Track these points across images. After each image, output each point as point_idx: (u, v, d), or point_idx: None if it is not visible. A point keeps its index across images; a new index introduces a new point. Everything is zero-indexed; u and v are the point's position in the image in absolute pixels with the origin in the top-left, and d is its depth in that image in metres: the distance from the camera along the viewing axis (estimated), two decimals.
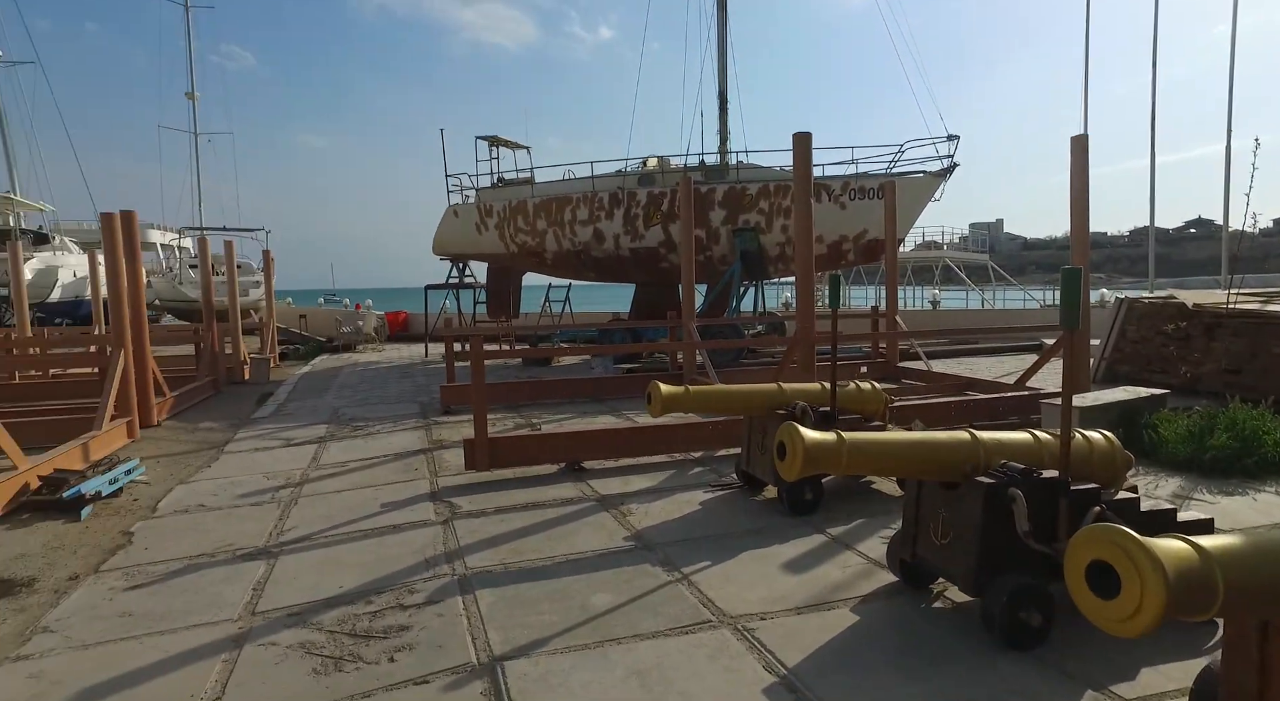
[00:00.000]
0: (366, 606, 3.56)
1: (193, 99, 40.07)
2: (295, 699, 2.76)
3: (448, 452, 6.77)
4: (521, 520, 4.83)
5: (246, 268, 27.63)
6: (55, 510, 5.41)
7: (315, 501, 5.43)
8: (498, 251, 16.53)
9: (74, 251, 28.85)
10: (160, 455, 7.20)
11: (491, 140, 17.28)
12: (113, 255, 8.29)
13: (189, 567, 4.20)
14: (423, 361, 15.76)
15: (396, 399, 10.38)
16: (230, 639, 3.29)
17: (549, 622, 3.31)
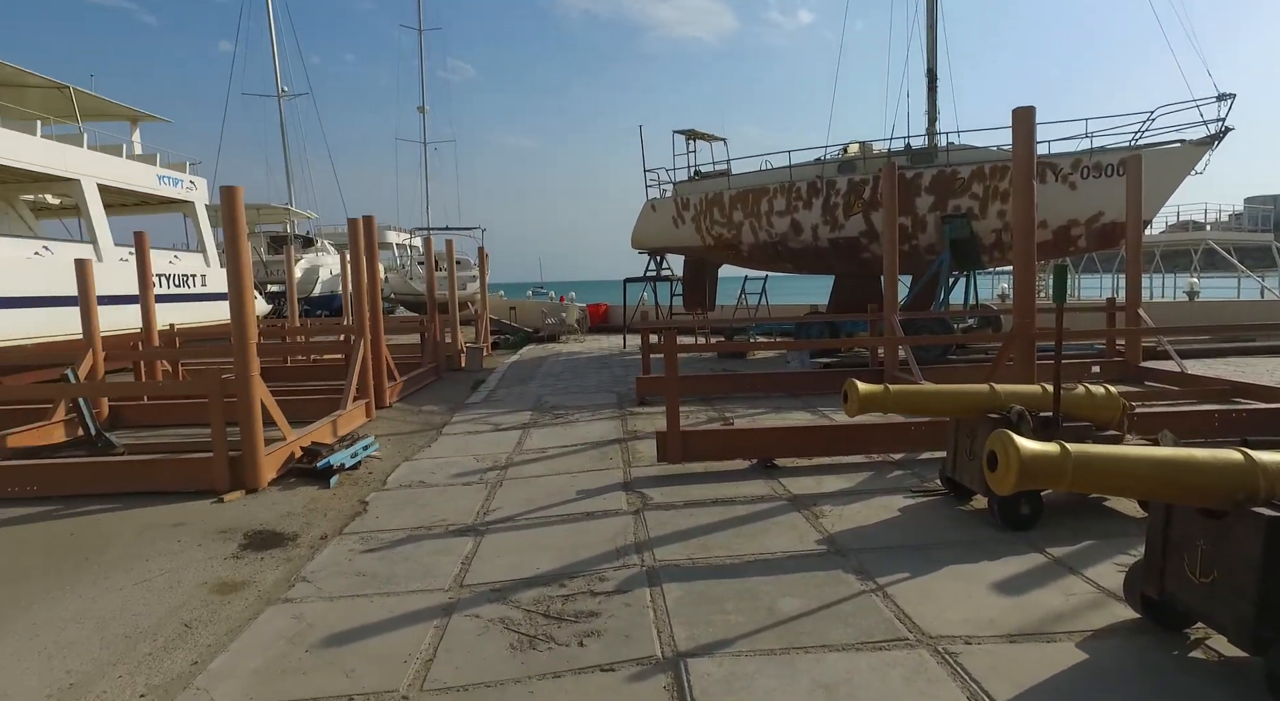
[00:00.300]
0: (560, 589, 3.72)
1: (423, 112, 44.56)
2: (494, 671, 2.95)
3: (641, 443, 6.93)
4: (710, 515, 4.81)
5: (465, 263, 30.27)
6: (311, 477, 6.26)
7: (518, 484, 5.79)
8: (694, 244, 16.69)
9: (331, 252, 33.26)
10: (390, 433, 8.08)
11: (688, 134, 17.46)
12: (355, 256, 9.41)
13: (409, 538, 4.65)
14: (620, 352, 16.33)
15: (595, 389, 10.83)
16: (441, 607, 3.58)
17: (734, 623, 3.25)
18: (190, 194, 19.20)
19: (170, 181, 18.55)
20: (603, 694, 2.74)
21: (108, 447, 7.05)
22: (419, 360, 13.11)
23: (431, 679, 2.92)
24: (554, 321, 20.83)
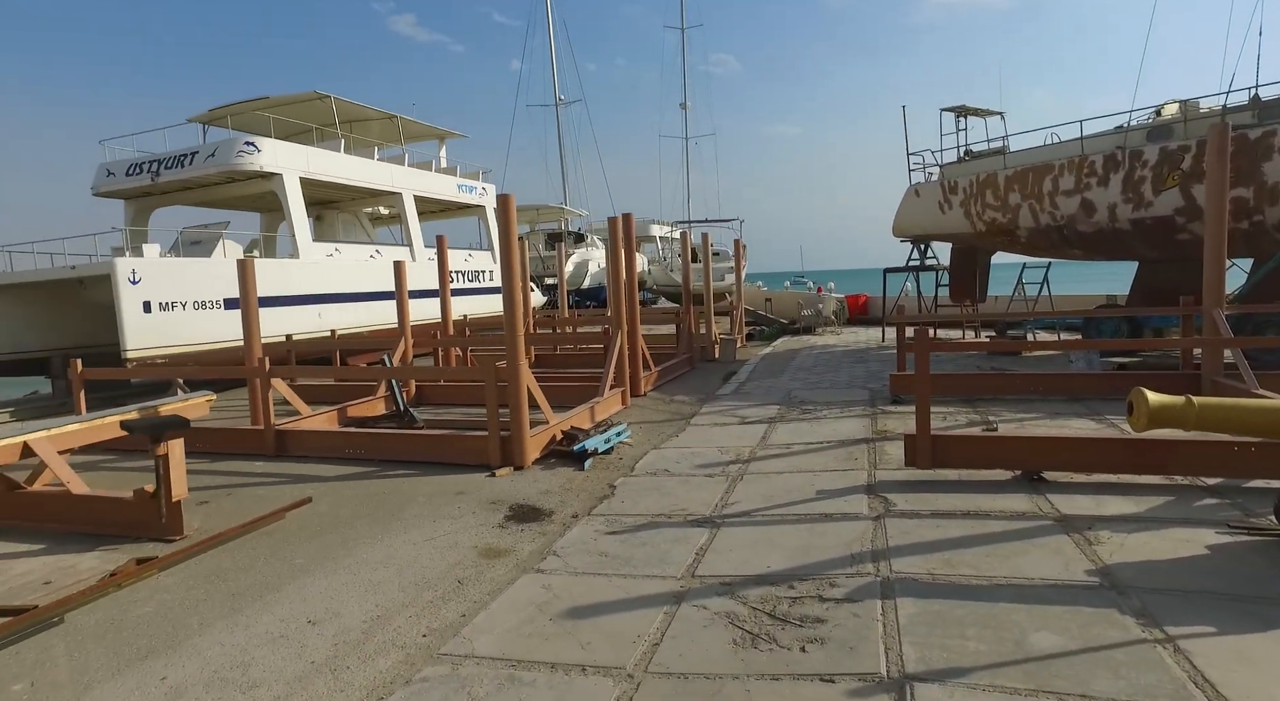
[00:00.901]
0: (788, 590, 3.68)
1: (685, 109, 46.05)
2: (714, 664, 3.00)
3: (890, 445, 6.57)
4: (959, 528, 4.42)
5: (723, 255, 30.81)
6: (569, 459, 6.84)
7: (758, 480, 5.80)
8: (962, 230, 15.32)
9: (599, 247, 35.82)
10: (642, 422, 8.52)
11: (958, 111, 16.02)
12: (614, 251, 10.03)
13: (650, 524, 4.89)
14: (878, 346, 15.56)
15: (847, 384, 10.46)
16: (672, 594, 3.73)
17: (974, 651, 2.97)
18: (482, 199, 21.86)
19: (467, 189, 21.29)
20: None
21: (412, 422, 8.34)
22: (674, 351, 13.65)
23: (656, 662, 3.06)
24: (810, 313, 20.41)
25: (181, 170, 15.01)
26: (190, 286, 12.70)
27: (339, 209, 19.98)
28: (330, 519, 5.41)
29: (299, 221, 15.29)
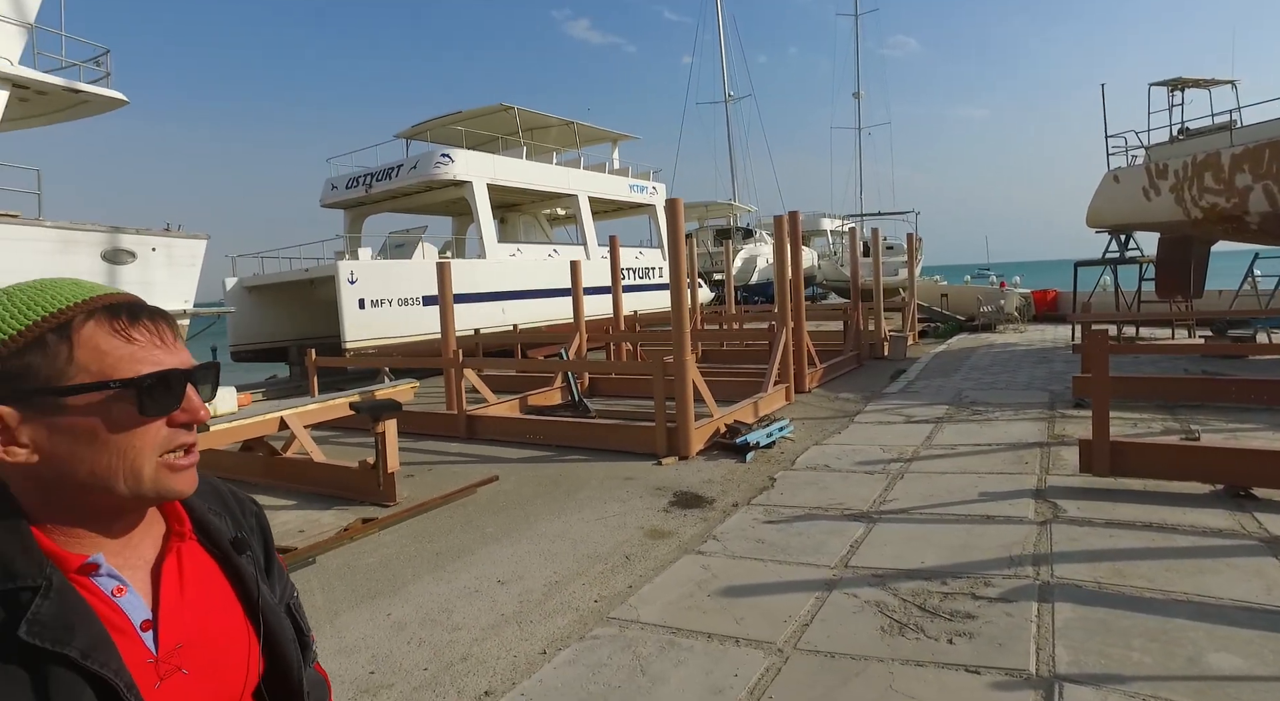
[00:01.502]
0: (940, 586, 3.74)
1: (858, 98, 44.50)
2: (861, 647, 3.18)
3: (1066, 450, 6.24)
4: (1136, 540, 4.22)
5: (898, 248, 29.58)
6: (731, 451, 7.12)
7: (919, 478, 5.77)
8: (1173, 219, 13.77)
9: (767, 242, 35.61)
10: (805, 418, 8.61)
11: (1173, 84, 14.41)
12: (779, 249, 10.15)
13: (807, 516, 5.07)
14: (1067, 345, 14.41)
15: (1025, 385, 9.89)
16: (824, 582, 3.91)
17: (1136, 662, 2.92)
18: (652, 198, 22.58)
19: (638, 189, 22.10)
20: (961, 692, 2.77)
21: (585, 412, 8.99)
22: (841, 348, 13.48)
23: (805, 640, 3.28)
24: (990, 309, 19.21)
25: (390, 182, 16.92)
26: (395, 285, 14.33)
27: (520, 211, 21.52)
28: (514, 496, 6.07)
29: (486, 224, 16.70)
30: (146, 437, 0.75)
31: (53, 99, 9.22)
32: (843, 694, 2.84)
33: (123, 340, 0.75)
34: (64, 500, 0.75)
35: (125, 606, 0.75)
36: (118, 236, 8.79)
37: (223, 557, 0.86)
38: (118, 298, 0.77)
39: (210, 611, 0.81)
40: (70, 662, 0.68)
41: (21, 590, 0.69)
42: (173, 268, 9.44)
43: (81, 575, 0.74)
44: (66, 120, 9.92)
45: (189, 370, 0.78)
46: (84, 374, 0.73)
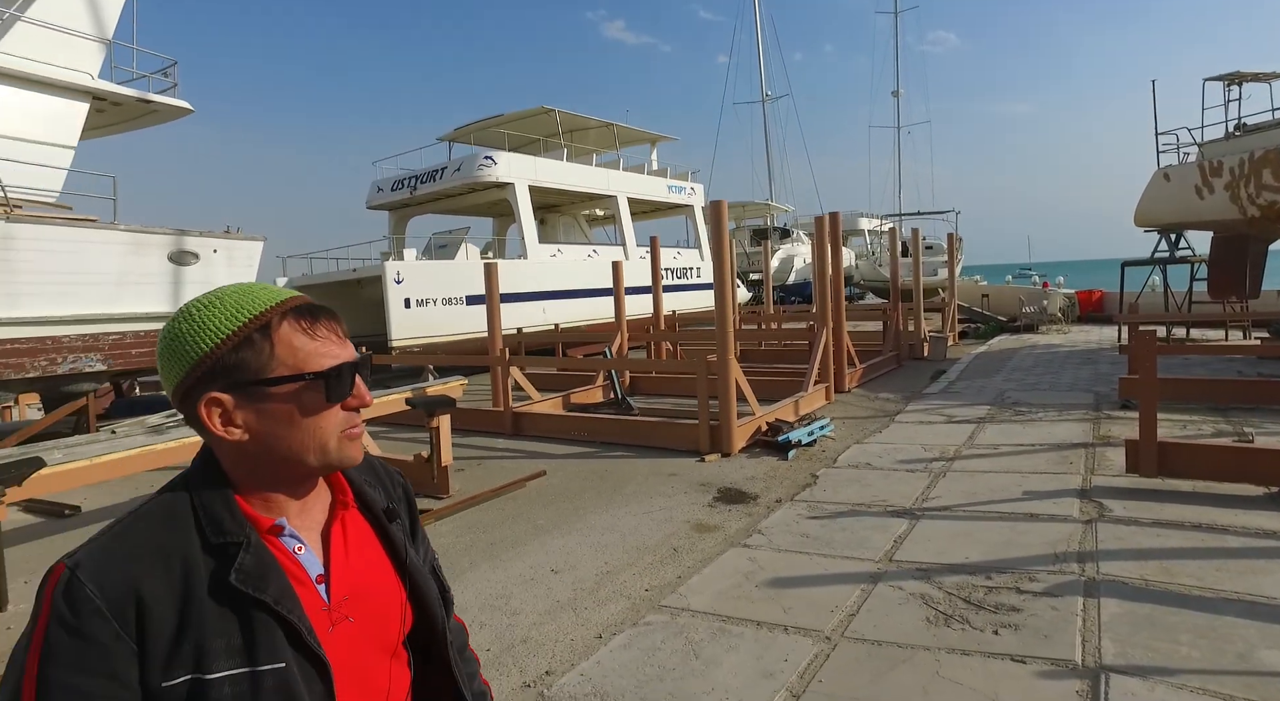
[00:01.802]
0: (985, 580, 3.81)
1: (897, 97, 44.01)
2: (907, 636, 3.27)
3: (1111, 451, 6.21)
4: (1185, 540, 4.23)
5: (937, 248, 29.23)
6: (773, 449, 7.21)
7: (961, 477, 5.81)
8: (1227, 218, 13.45)
9: (805, 242, 35.46)
10: (845, 417, 8.66)
11: (1230, 78, 14.07)
12: (819, 250, 10.19)
13: (850, 512, 5.15)
14: (1113, 346, 14.18)
15: (1069, 386, 9.79)
16: (868, 574, 4.01)
17: (1183, 655, 2.97)
18: (690, 199, 22.68)
19: (676, 190, 22.22)
20: (1007, 680, 2.85)
21: (628, 409, 9.15)
22: (880, 348, 13.44)
23: (851, 629, 3.39)
24: (1033, 310, 18.93)
25: (434, 184, 17.30)
26: (439, 285, 14.67)
27: (560, 212, 21.78)
28: (562, 490, 6.25)
29: (528, 225, 16.97)
30: (331, 419, 0.91)
31: (126, 109, 9.70)
32: (890, 679, 2.94)
33: (309, 337, 0.91)
34: (264, 472, 0.92)
35: (304, 562, 0.91)
36: (183, 238, 9.21)
37: (377, 524, 1.01)
38: (300, 301, 0.93)
39: (369, 569, 0.97)
40: (265, 607, 0.84)
41: (229, 545, 0.86)
42: (232, 268, 9.84)
43: (270, 535, 0.90)
44: (135, 128, 10.43)
45: (356, 362, 0.94)
46: (283, 367, 0.89)
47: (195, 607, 0.82)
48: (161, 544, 0.84)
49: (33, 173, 8.46)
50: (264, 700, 0.82)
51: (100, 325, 8.54)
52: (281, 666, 0.83)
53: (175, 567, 0.83)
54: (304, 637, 0.85)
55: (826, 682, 2.96)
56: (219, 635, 0.82)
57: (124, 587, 0.80)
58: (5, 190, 7.86)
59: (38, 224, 7.93)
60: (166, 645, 0.80)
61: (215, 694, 0.80)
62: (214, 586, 0.83)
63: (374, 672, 0.94)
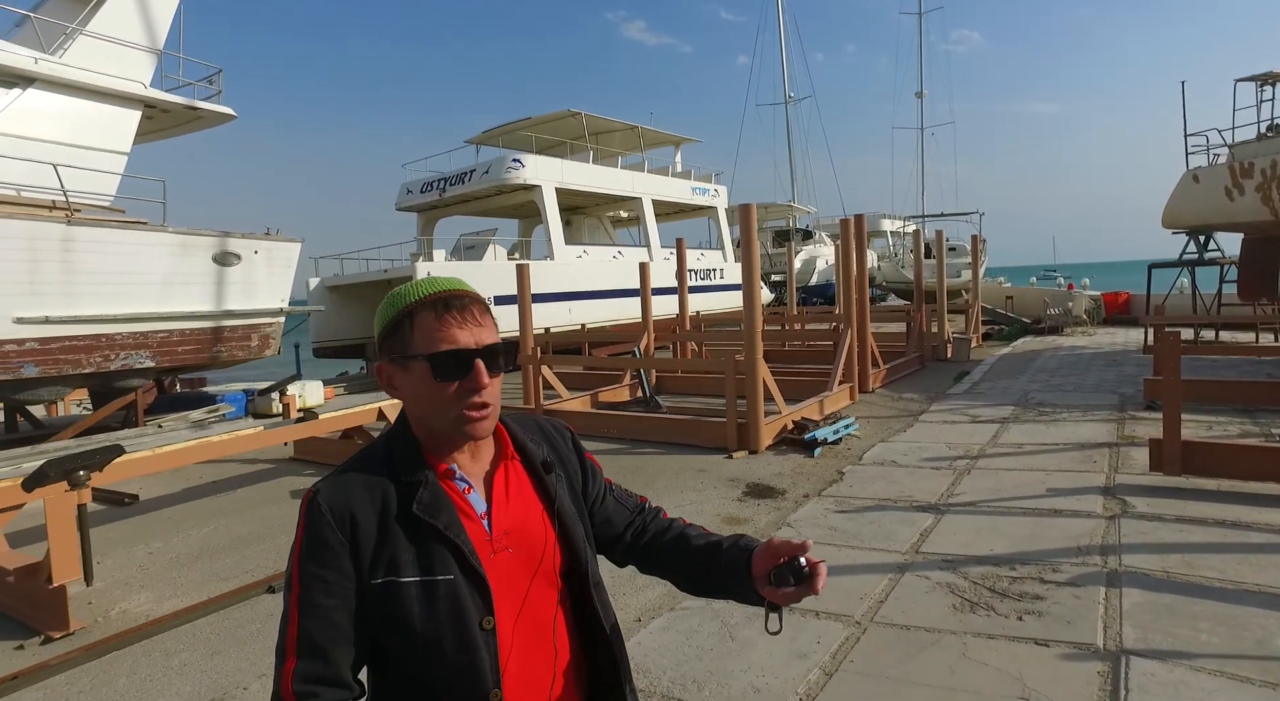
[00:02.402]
0: (1009, 571, 3.95)
1: (921, 98, 43.79)
2: (934, 621, 3.43)
3: (1135, 450, 6.30)
4: (1207, 535, 4.33)
5: (960, 250, 29.12)
6: (799, 446, 7.37)
7: (985, 475, 5.94)
8: (1259, 219, 13.37)
9: (827, 243, 35.44)
10: (869, 416, 8.79)
11: (1263, 78, 13.98)
12: (845, 252, 10.32)
13: (877, 506, 5.31)
14: (1139, 349, 14.13)
15: (1094, 388, 9.83)
16: (895, 565, 4.17)
17: (1202, 642, 3.10)
18: (714, 200, 22.84)
19: (700, 191, 22.38)
20: (1031, 662, 3.01)
21: (656, 407, 9.34)
22: (904, 349, 13.52)
23: (881, 615, 3.55)
24: (1057, 311, 18.84)
25: (463, 186, 17.61)
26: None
27: (585, 214, 22.03)
28: None
29: (554, 227, 17.23)
30: (442, 395, 1.10)
31: (174, 116, 10.08)
32: (919, 660, 3.10)
33: (435, 325, 1.10)
34: (424, 428, 1.15)
35: (471, 501, 1.13)
36: (226, 240, 9.54)
37: (535, 474, 1.21)
38: (444, 292, 1.12)
39: (525, 510, 1.17)
40: (437, 532, 1.08)
41: (412, 483, 1.10)
42: (272, 269, 10.17)
43: (444, 478, 1.13)
44: (181, 134, 10.81)
45: (473, 349, 1.10)
46: (416, 348, 1.10)
47: (390, 528, 1.07)
48: (369, 479, 1.11)
49: (90, 178, 8.84)
50: (438, 602, 1.06)
51: (149, 323, 8.89)
52: (450, 578, 1.07)
53: (377, 498, 1.09)
54: (467, 557, 1.08)
55: (858, 662, 3.13)
56: (406, 550, 1.07)
57: (344, 509, 1.07)
58: (67, 195, 8.22)
59: (95, 227, 8.30)
60: (371, 553, 1.06)
61: (405, 593, 1.06)
62: (402, 513, 1.08)
63: (529, 595, 1.14)
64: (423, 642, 1.06)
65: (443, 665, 1.06)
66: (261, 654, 3.56)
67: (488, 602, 1.08)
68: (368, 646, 1.08)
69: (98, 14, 9.00)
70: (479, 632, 1.07)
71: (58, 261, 7.97)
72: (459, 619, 1.06)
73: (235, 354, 10.02)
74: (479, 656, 1.06)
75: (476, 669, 1.06)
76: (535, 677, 1.13)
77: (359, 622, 1.06)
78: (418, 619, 1.05)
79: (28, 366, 8.01)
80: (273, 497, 6.50)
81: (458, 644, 1.06)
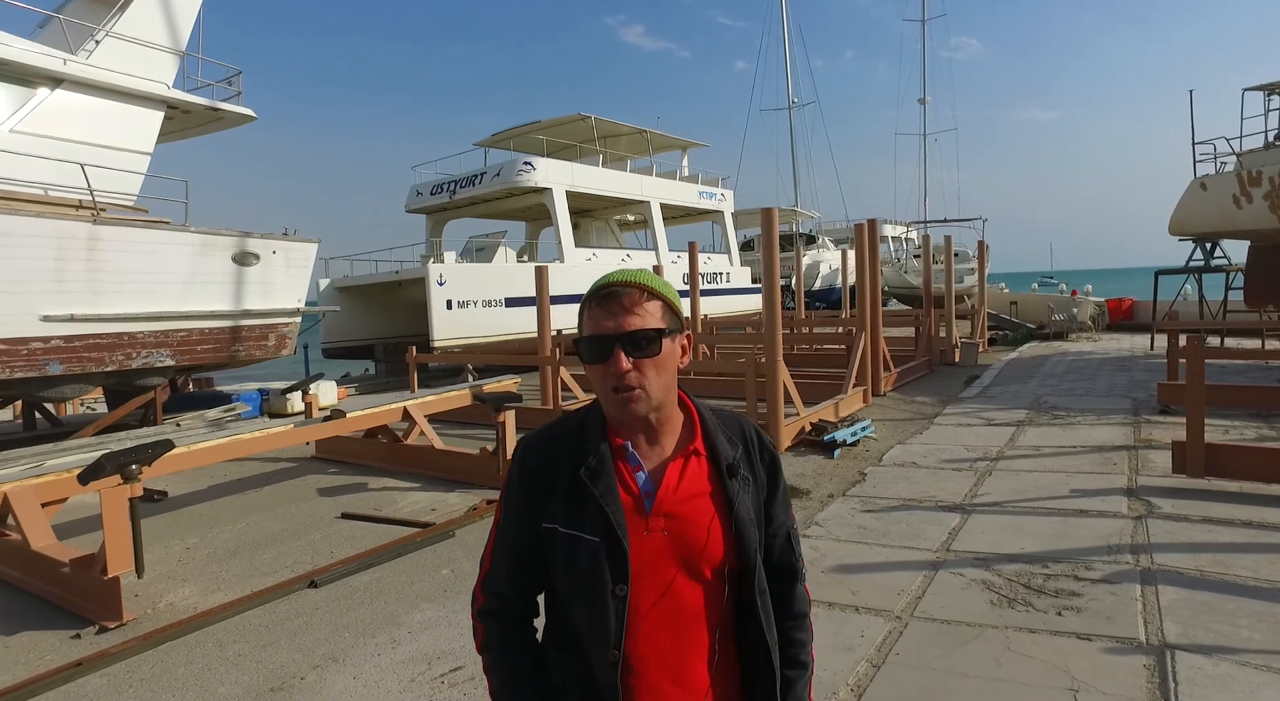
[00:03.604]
0: (1042, 569, 4.03)
1: (924, 104, 43.97)
2: (973, 616, 3.51)
3: (1155, 453, 6.39)
4: (1235, 535, 4.42)
5: (963, 256, 29.24)
6: (818, 448, 7.44)
7: (1006, 476, 6.01)
8: (1266, 227, 13.48)
9: (830, 248, 35.57)
10: (884, 419, 8.86)
11: (1271, 88, 14.11)
12: (859, 256, 10.40)
13: (902, 506, 5.38)
14: (1146, 354, 14.25)
15: (1105, 392, 9.92)
16: (929, 563, 4.24)
17: (1244, 637, 3.18)
18: (720, 204, 22.93)
19: (707, 195, 22.48)
20: (1075, 656, 3.08)
21: None
22: (913, 353, 13.61)
23: (920, 609, 3.63)
24: (1062, 317, 18.96)
25: (473, 188, 17.70)
26: (480, 287, 15.03)
27: (593, 217, 22.12)
28: None
29: (565, 230, 17.31)
30: (596, 376, 1.20)
31: (195, 116, 10.16)
32: (964, 652, 3.18)
33: (592, 313, 1.20)
34: (604, 406, 1.24)
35: (638, 479, 1.21)
36: (246, 240, 9.61)
37: (716, 473, 1.26)
38: (607, 283, 1.21)
39: (693, 503, 1.22)
40: (593, 498, 1.17)
41: (587, 451, 1.20)
42: (289, 269, 10.24)
43: (618, 453, 1.21)
44: (201, 135, 10.88)
45: (610, 334, 1.18)
46: (581, 335, 1.22)
47: (564, 484, 1.21)
48: (561, 440, 1.25)
49: (114, 177, 8.91)
50: (580, 558, 1.17)
51: (170, 322, 8.96)
52: (596, 540, 1.16)
53: (562, 457, 1.23)
54: (613, 526, 1.16)
55: (904, 655, 3.20)
56: (569, 506, 1.20)
57: (538, 459, 1.25)
58: (94, 195, 8.29)
59: (121, 226, 8.37)
60: (547, 501, 1.22)
61: (562, 542, 1.19)
62: (574, 475, 1.20)
63: (675, 582, 1.19)
64: (567, 587, 1.20)
65: (579, 612, 1.19)
66: (313, 646, 3.63)
67: (623, 572, 1.15)
68: (541, 578, 1.26)
69: (124, 15, 9.09)
70: (610, 597, 1.15)
71: (84, 260, 8.04)
72: (595, 578, 1.16)
73: (253, 353, 10.08)
74: (606, 616, 1.15)
75: (604, 627, 1.15)
76: (666, 657, 1.18)
77: (535, 555, 1.23)
78: (564, 567, 1.19)
79: (53, 364, 8.07)
80: (300, 495, 6.55)
81: (590, 599, 1.17)
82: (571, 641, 1.21)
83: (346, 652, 3.54)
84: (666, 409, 1.24)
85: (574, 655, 1.21)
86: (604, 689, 1.16)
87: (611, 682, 1.15)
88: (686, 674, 1.19)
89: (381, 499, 6.31)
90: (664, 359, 1.20)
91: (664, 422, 1.24)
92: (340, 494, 6.51)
